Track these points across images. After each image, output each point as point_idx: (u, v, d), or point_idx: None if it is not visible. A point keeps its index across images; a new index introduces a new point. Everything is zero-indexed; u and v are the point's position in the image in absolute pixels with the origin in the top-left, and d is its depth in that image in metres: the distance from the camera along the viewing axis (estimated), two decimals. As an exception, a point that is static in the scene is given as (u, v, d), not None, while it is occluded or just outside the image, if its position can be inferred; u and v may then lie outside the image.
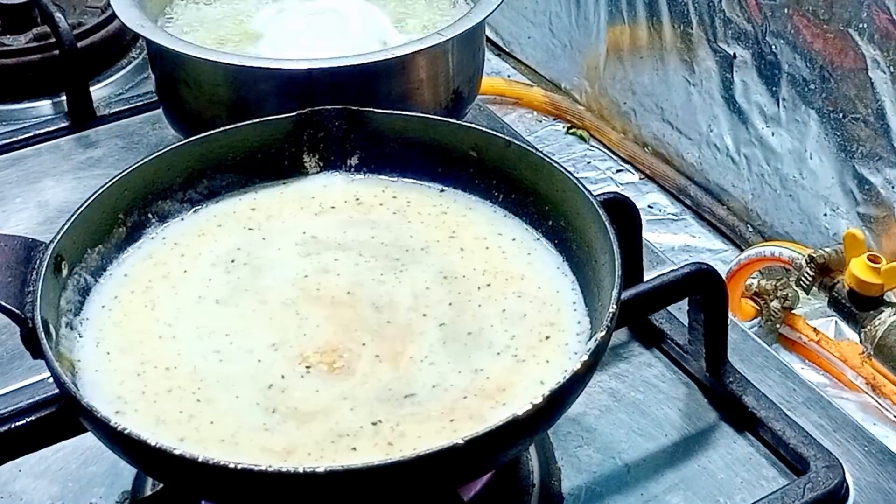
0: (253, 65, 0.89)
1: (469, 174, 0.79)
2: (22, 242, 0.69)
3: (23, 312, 0.65)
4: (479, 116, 1.13)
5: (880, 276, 0.95)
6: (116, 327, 0.70)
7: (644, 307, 0.78)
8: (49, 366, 0.62)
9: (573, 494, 0.76)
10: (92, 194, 0.73)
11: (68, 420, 0.64)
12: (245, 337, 0.69)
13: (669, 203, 1.25)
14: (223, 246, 0.76)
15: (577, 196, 0.73)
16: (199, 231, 0.77)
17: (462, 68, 0.97)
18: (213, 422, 0.64)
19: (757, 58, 1.11)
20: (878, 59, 0.98)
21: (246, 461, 0.57)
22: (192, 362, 0.67)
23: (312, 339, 0.69)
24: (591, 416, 0.81)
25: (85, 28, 1.22)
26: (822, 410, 0.81)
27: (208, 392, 0.65)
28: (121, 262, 0.75)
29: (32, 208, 1.03)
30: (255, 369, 0.67)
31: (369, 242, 0.76)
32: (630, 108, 1.30)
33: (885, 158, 1.00)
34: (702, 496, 0.75)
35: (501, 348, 0.68)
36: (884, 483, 0.76)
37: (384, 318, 0.70)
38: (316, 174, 0.81)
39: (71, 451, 0.77)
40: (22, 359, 0.70)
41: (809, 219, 1.10)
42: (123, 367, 0.67)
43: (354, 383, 0.66)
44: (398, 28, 1.00)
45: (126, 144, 1.11)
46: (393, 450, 0.61)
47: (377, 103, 0.81)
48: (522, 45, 1.46)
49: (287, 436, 0.63)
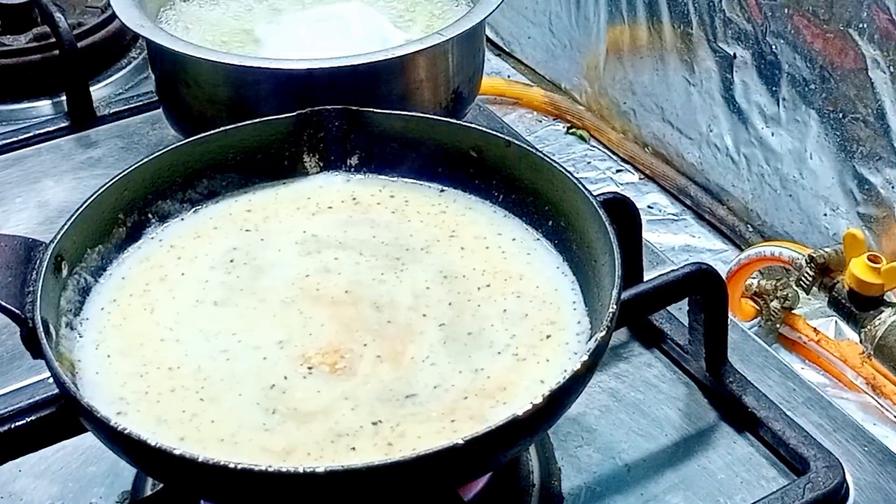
0: (253, 65, 0.89)
1: (469, 174, 0.79)
2: (22, 242, 0.69)
3: (23, 312, 0.65)
4: (479, 116, 1.13)
5: (880, 276, 0.95)
6: (116, 330, 0.70)
7: (644, 307, 0.78)
8: (49, 366, 0.62)
9: (573, 494, 0.76)
10: (92, 194, 0.73)
11: (68, 420, 0.64)
12: (252, 335, 0.69)
13: (669, 203, 1.25)
14: (223, 246, 0.76)
15: (577, 196, 0.73)
16: (195, 233, 0.77)
17: (462, 68, 0.97)
18: (214, 421, 0.64)
19: (757, 58, 1.10)
20: (878, 59, 0.98)
21: (245, 461, 0.57)
22: (196, 362, 0.67)
23: (317, 338, 0.69)
24: (591, 416, 0.81)
25: (85, 28, 1.22)
26: (822, 410, 0.81)
27: (212, 391, 0.65)
28: (120, 263, 0.75)
29: (32, 208, 1.03)
30: (259, 367, 0.67)
31: (370, 241, 0.76)
32: (630, 108, 1.30)
33: (885, 158, 1.00)
34: (702, 496, 0.75)
35: (502, 348, 0.68)
36: (884, 483, 0.76)
37: (385, 318, 0.70)
38: (316, 174, 0.82)
39: (71, 451, 0.77)
40: (22, 359, 0.70)
41: (809, 219, 1.10)
42: (124, 370, 0.67)
43: (356, 384, 0.66)
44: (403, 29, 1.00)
45: (126, 144, 1.11)
46: (392, 450, 0.61)
47: (377, 103, 0.81)
48: (522, 45, 1.46)
49: (287, 436, 0.62)
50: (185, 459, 0.57)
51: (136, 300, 0.72)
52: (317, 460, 0.61)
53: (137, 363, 0.67)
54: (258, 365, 0.67)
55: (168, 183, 0.77)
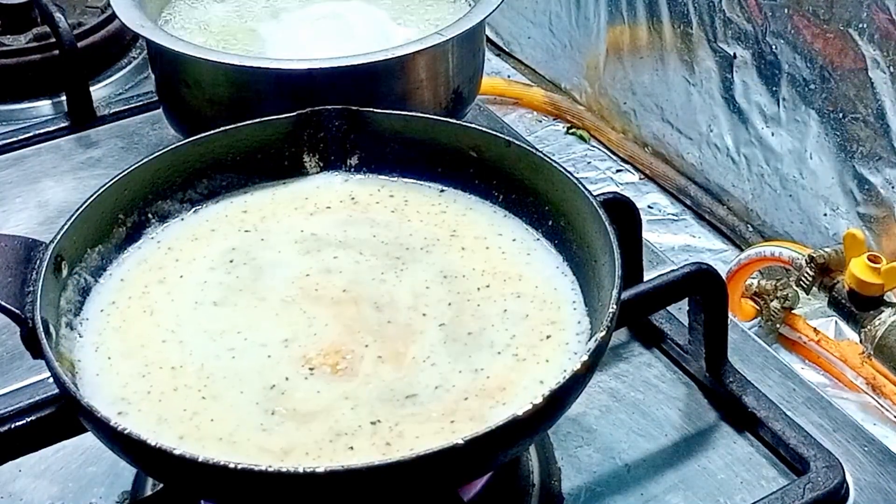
0: (253, 65, 0.89)
1: (469, 174, 0.79)
2: (22, 242, 0.69)
3: (23, 312, 0.65)
4: (479, 116, 1.13)
5: (880, 276, 0.95)
6: (116, 331, 0.70)
7: (644, 307, 0.78)
8: (49, 366, 0.62)
9: (573, 494, 0.76)
10: (92, 194, 0.73)
11: (68, 420, 0.64)
12: (256, 333, 0.69)
13: (669, 203, 1.25)
14: (223, 247, 0.76)
15: (577, 196, 0.73)
16: (194, 235, 0.77)
17: (462, 68, 0.97)
18: (213, 420, 0.64)
19: (757, 58, 1.10)
20: (878, 59, 0.98)
21: (243, 460, 0.57)
22: (199, 360, 0.67)
23: (320, 338, 0.69)
24: (592, 416, 0.81)
25: (85, 28, 1.22)
26: (822, 410, 0.81)
27: (214, 389, 0.65)
28: (120, 263, 0.75)
29: (32, 208, 1.03)
30: (262, 366, 0.67)
31: (370, 241, 0.76)
32: (630, 108, 1.30)
33: (885, 158, 1.00)
34: (702, 496, 0.75)
35: (502, 348, 0.68)
36: (884, 483, 0.76)
37: (385, 318, 0.70)
38: (316, 174, 0.82)
39: (71, 451, 0.77)
40: (22, 359, 0.70)
41: (809, 219, 1.10)
42: (125, 370, 0.67)
43: (357, 384, 0.66)
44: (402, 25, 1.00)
45: (126, 144, 1.11)
46: (391, 450, 0.61)
47: (377, 103, 0.81)
48: (522, 45, 1.46)
49: (286, 436, 0.62)
50: (185, 459, 0.57)
51: (136, 301, 0.72)
52: (315, 460, 0.61)
53: (138, 363, 0.67)
54: (262, 363, 0.67)
55: (168, 183, 0.77)
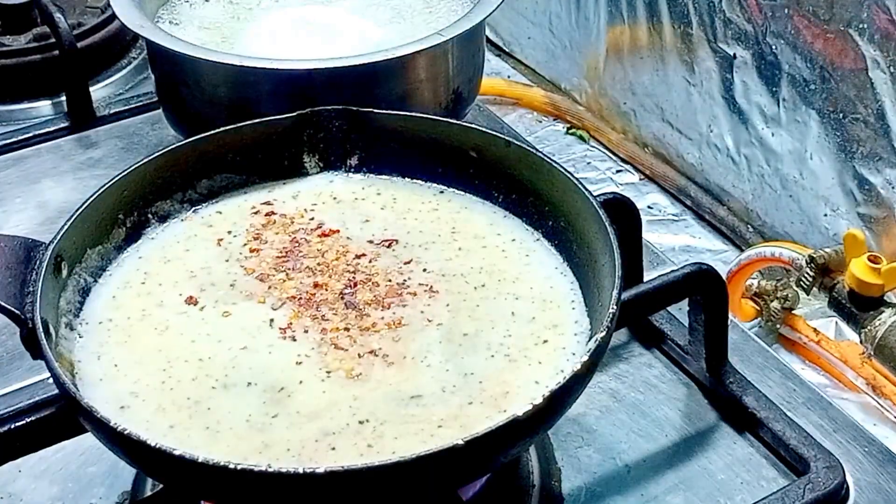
0: (253, 65, 0.89)
1: (469, 174, 0.79)
2: (22, 242, 0.69)
3: (22, 313, 0.65)
4: (479, 116, 1.13)
5: (880, 276, 0.95)
6: (117, 330, 0.70)
7: (644, 308, 0.78)
8: (49, 366, 0.62)
9: (573, 495, 0.76)
10: (92, 194, 0.73)
11: (68, 420, 0.64)
12: (256, 330, 0.69)
13: (669, 203, 1.25)
14: (223, 246, 0.76)
15: (577, 196, 0.73)
16: (193, 234, 0.77)
17: (462, 68, 0.97)
18: (210, 408, 0.64)
19: (757, 58, 1.10)
20: (878, 59, 0.98)
21: (223, 449, 0.57)
22: (206, 355, 0.68)
23: (316, 336, 0.69)
24: (592, 416, 0.81)
25: (85, 28, 1.22)
26: (822, 411, 0.81)
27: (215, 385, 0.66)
28: (120, 263, 0.75)
29: (32, 208, 1.03)
30: (263, 364, 0.67)
31: (369, 240, 0.76)
32: (630, 109, 1.30)
33: (885, 158, 1.00)
34: (702, 497, 0.75)
35: (500, 348, 0.68)
36: (884, 483, 0.76)
37: (384, 318, 0.70)
38: (316, 174, 0.82)
39: (71, 451, 0.77)
40: (22, 359, 0.70)
41: (809, 219, 1.10)
42: (125, 370, 0.67)
43: (358, 384, 0.66)
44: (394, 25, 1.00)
45: (126, 145, 1.12)
46: (371, 451, 0.61)
47: (377, 103, 0.81)
48: (522, 45, 1.46)
49: (273, 432, 0.63)
50: (185, 459, 0.57)
51: (137, 301, 0.72)
52: (295, 456, 0.61)
53: (140, 363, 0.67)
54: (264, 362, 0.67)
55: (168, 183, 0.77)
